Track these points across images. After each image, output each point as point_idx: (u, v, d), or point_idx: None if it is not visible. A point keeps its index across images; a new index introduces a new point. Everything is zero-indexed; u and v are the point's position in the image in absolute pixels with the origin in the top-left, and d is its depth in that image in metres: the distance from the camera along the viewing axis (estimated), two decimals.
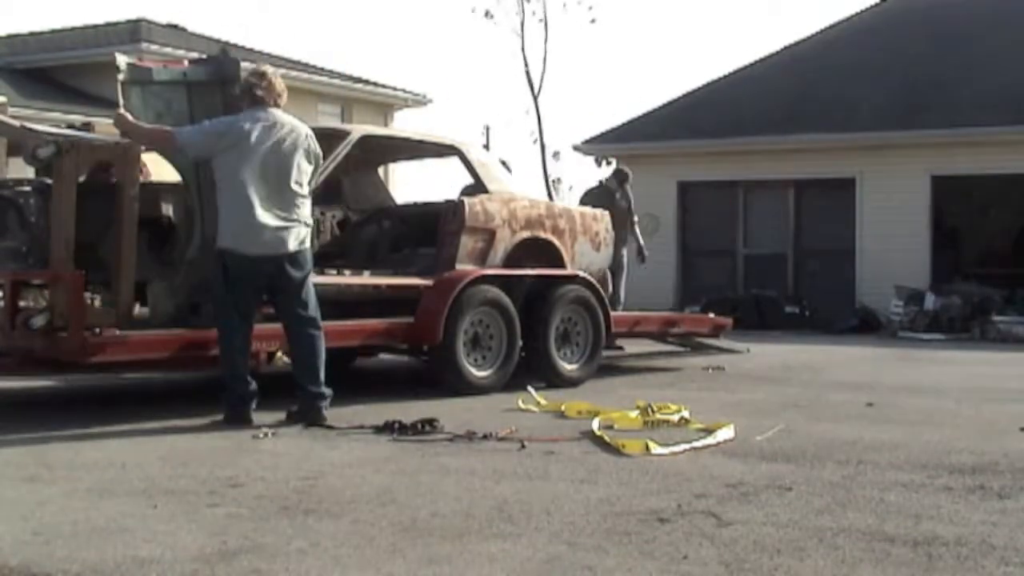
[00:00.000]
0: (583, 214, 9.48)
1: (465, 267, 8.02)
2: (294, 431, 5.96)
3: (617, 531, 3.81)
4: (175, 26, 23.72)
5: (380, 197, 9.43)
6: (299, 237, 6.26)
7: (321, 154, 6.56)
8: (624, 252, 12.32)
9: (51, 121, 11.52)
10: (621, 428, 6.03)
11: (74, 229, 6.19)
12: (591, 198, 12.12)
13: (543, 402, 7.06)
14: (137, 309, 6.77)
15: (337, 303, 8.07)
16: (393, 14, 66.08)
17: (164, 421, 6.20)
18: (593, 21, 49.12)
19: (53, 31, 24.02)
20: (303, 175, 6.30)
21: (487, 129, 32.59)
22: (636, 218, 12.90)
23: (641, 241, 12.93)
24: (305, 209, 6.35)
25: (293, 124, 6.32)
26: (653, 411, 6.38)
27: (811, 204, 18.02)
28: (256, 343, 6.86)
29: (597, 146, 20.13)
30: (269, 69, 6.47)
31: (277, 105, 6.32)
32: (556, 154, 30.15)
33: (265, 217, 6.11)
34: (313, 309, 6.39)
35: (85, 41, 22.23)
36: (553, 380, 8.11)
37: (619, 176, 13.00)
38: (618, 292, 11.83)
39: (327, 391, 6.30)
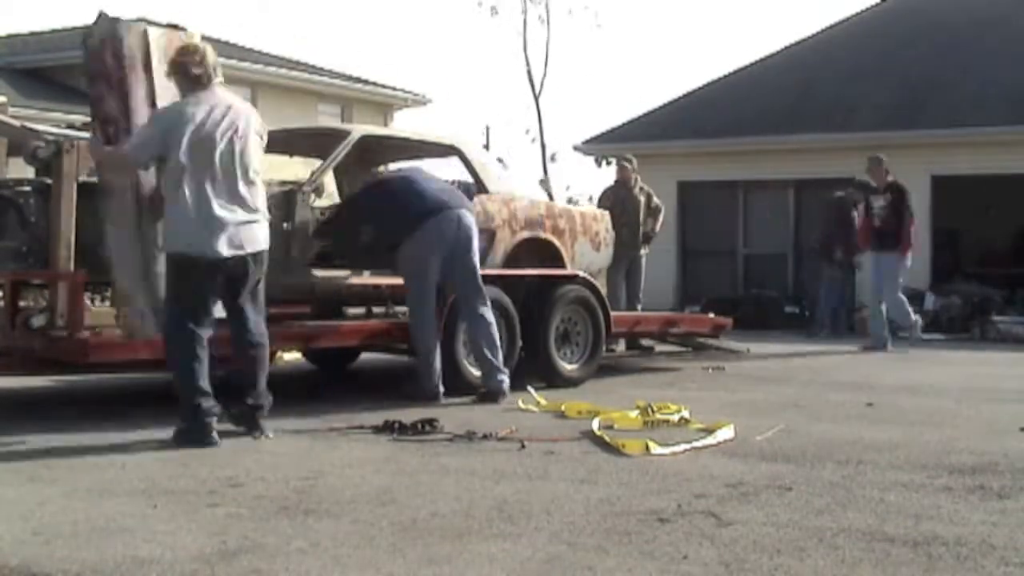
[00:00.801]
0: (583, 214, 9.49)
1: None
2: (294, 431, 5.95)
3: (617, 531, 3.81)
4: (175, 26, 23.69)
5: None
6: (265, 233, 5.79)
7: (266, 135, 5.94)
8: (644, 251, 11.96)
9: (51, 121, 11.53)
10: (621, 428, 6.02)
11: (74, 229, 6.20)
12: (607, 199, 11.77)
13: (543, 402, 7.06)
14: None
15: (337, 302, 8.07)
16: (393, 14, 66.13)
17: (164, 421, 6.19)
18: (599, 26, 49.12)
19: (53, 31, 24.05)
20: (257, 161, 5.73)
21: (487, 129, 32.63)
22: (657, 202, 12.13)
23: (657, 228, 12.22)
24: (262, 201, 5.78)
25: (239, 103, 5.78)
26: (653, 411, 6.37)
27: (811, 204, 18.01)
28: None
29: (597, 146, 20.13)
30: (197, 39, 5.89)
31: (213, 81, 5.68)
32: (553, 156, 30.21)
33: (227, 213, 5.56)
34: (262, 312, 5.91)
35: None
36: (553, 380, 8.10)
37: (626, 165, 12.15)
38: (636, 290, 11.67)
39: (265, 401, 5.84)
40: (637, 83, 55.45)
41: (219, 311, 5.76)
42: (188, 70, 5.64)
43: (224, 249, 5.55)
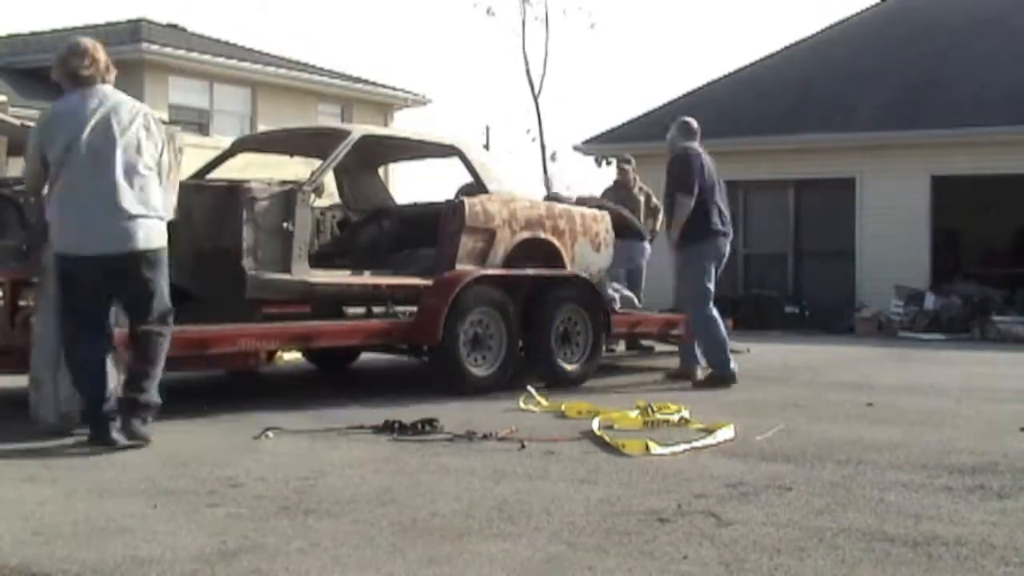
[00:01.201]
0: (583, 215, 9.48)
1: (465, 267, 8.02)
2: (294, 431, 5.95)
3: (617, 531, 3.80)
4: (175, 26, 23.73)
5: (380, 197, 9.44)
6: (152, 232, 5.39)
7: (163, 134, 5.57)
8: (646, 248, 11.82)
9: None
10: (621, 428, 6.02)
11: None
12: (607, 197, 11.80)
13: (543, 402, 7.06)
14: None
15: (337, 302, 8.07)
16: (393, 14, 66.15)
17: (164, 421, 6.19)
18: (592, 26, 49.07)
19: (53, 31, 24.02)
20: (148, 156, 5.40)
21: (487, 129, 32.67)
22: (656, 202, 12.05)
23: (656, 228, 12.07)
24: (155, 197, 5.42)
25: (130, 100, 5.51)
26: (653, 411, 6.38)
27: (811, 204, 18.03)
28: (256, 342, 6.86)
29: (597, 146, 20.12)
30: (88, 43, 5.49)
31: (106, 81, 5.46)
32: (553, 155, 30.25)
33: (105, 209, 5.28)
34: (165, 318, 5.57)
35: None
36: (553, 380, 8.11)
37: (626, 167, 12.28)
38: (636, 290, 11.65)
39: (148, 400, 5.48)
40: (637, 83, 55.56)
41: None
42: (77, 72, 5.41)
43: (95, 247, 5.32)
